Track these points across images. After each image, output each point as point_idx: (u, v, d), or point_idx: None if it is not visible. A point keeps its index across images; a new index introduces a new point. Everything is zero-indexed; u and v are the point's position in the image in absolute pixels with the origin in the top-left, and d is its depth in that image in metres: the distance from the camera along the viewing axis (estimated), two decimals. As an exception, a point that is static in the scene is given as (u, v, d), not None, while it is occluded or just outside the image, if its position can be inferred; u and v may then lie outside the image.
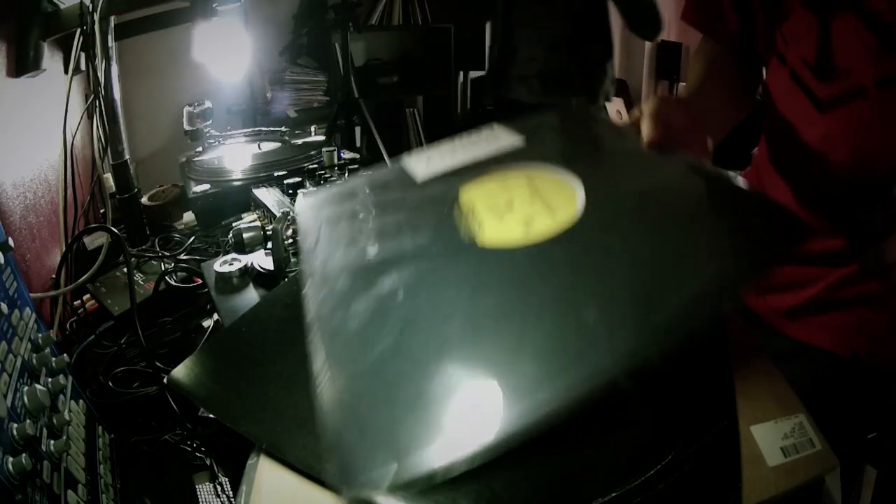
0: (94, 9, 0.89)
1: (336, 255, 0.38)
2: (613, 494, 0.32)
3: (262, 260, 0.67)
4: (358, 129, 1.99)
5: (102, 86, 0.92)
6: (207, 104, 1.26)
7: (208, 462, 0.54)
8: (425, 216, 0.41)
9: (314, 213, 0.46)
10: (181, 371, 0.47)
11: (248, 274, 0.67)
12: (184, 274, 0.82)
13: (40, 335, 0.46)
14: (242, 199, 0.92)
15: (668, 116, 0.45)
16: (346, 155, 1.12)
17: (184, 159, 1.17)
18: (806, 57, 0.53)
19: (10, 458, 0.34)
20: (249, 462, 0.39)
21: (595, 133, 0.52)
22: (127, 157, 0.98)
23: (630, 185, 0.40)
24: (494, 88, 1.75)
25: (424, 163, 0.48)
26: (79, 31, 0.93)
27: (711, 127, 0.52)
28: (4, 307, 0.41)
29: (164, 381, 0.49)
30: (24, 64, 0.90)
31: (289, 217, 0.64)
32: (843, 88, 0.51)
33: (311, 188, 0.80)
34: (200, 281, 0.79)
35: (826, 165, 0.54)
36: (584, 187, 0.39)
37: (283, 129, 1.35)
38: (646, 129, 0.44)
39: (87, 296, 0.83)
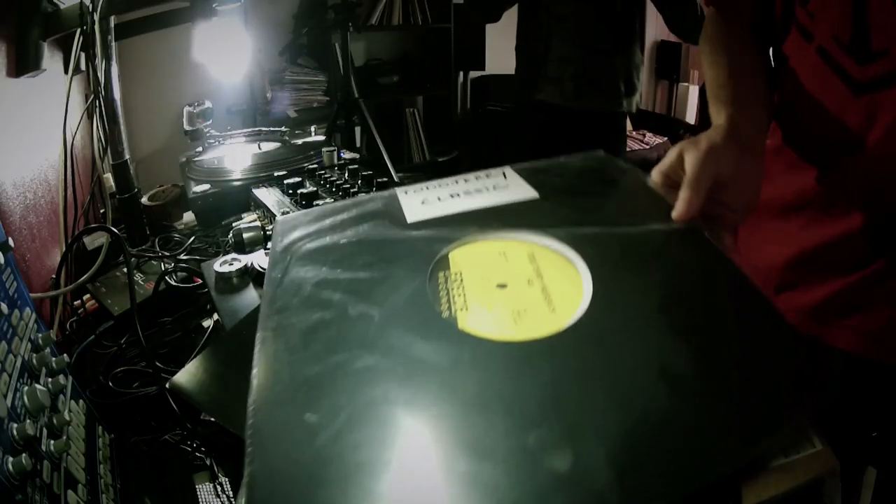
0: (94, 9, 0.89)
1: (297, 303, 0.35)
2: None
3: (262, 260, 0.67)
4: (358, 129, 1.99)
5: (102, 86, 0.92)
6: (207, 104, 1.26)
7: (208, 462, 0.54)
8: (404, 274, 0.36)
9: (287, 241, 0.42)
10: (183, 376, 0.47)
11: (248, 274, 0.67)
12: (184, 274, 0.82)
13: (40, 335, 0.46)
14: (242, 199, 0.93)
15: (714, 170, 0.40)
16: (346, 155, 1.12)
17: (184, 159, 1.17)
18: (839, 35, 0.49)
19: (10, 458, 0.34)
20: (250, 462, 0.39)
21: (620, 197, 0.46)
22: (127, 157, 0.98)
23: (647, 283, 0.35)
24: (522, 88, 1.62)
25: (420, 200, 0.44)
26: (79, 31, 0.93)
27: (758, 131, 0.49)
28: (4, 307, 0.41)
29: (167, 386, 0.49)
30: (24, 64, 0.90)
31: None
32: (881, 71, 0.47)
33: (309, 187, 0.80)
34: (200, 281, 0.79)
35: (856, 155, 0.50)
36: (592, 277, 0.34)
37: (283, 129, 1.35)
38: (684, 198, 0.38)
39: (87, 296, 0.83)
